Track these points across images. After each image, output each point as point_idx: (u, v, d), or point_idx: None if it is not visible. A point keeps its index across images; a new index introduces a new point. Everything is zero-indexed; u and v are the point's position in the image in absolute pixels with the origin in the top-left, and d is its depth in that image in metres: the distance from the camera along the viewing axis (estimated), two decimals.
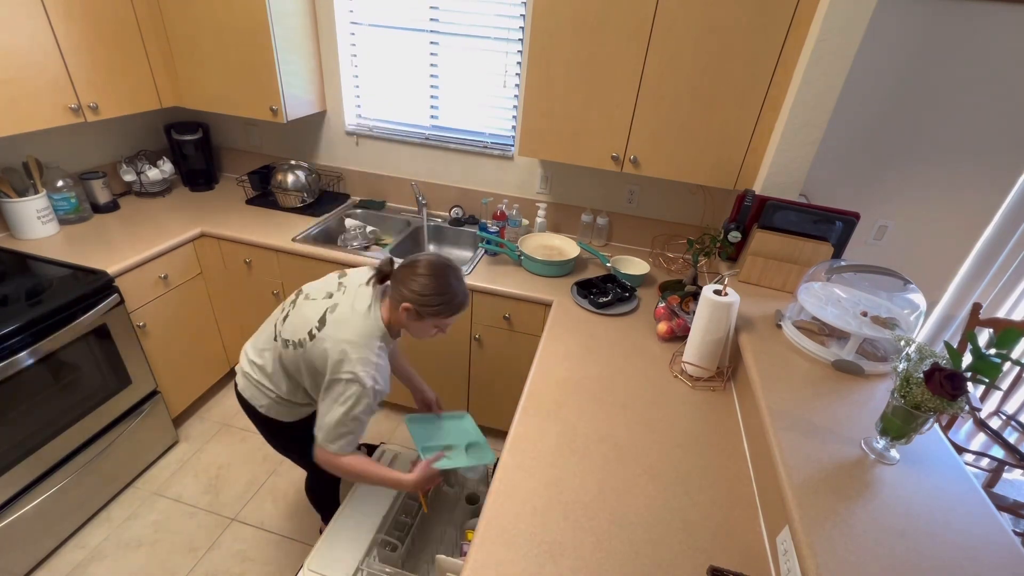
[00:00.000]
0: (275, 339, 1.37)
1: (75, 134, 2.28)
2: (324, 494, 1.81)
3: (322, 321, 1.27)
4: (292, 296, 1.41)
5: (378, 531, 1.46)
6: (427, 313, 1.27)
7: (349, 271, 1.41)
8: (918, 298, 1.40)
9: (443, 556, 1.30)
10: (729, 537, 1.09)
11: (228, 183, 2.74)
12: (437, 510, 1.62)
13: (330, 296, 1.32)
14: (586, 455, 1.26)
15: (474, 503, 1.57)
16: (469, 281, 2.01)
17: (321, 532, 1.80)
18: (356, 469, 1.32)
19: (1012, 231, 2.12)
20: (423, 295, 1.25)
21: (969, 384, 0.96)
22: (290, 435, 1.52)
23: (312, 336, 1.27)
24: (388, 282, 1.32)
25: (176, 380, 2.29)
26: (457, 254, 2.50)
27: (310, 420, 1.39)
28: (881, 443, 1.09)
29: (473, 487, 1.64)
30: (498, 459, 1.28)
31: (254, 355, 1.44)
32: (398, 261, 1.34)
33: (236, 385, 1.50)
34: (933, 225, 2.17)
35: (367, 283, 1.33)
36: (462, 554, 1.36)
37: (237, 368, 1.50)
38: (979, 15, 1.80)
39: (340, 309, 1.28)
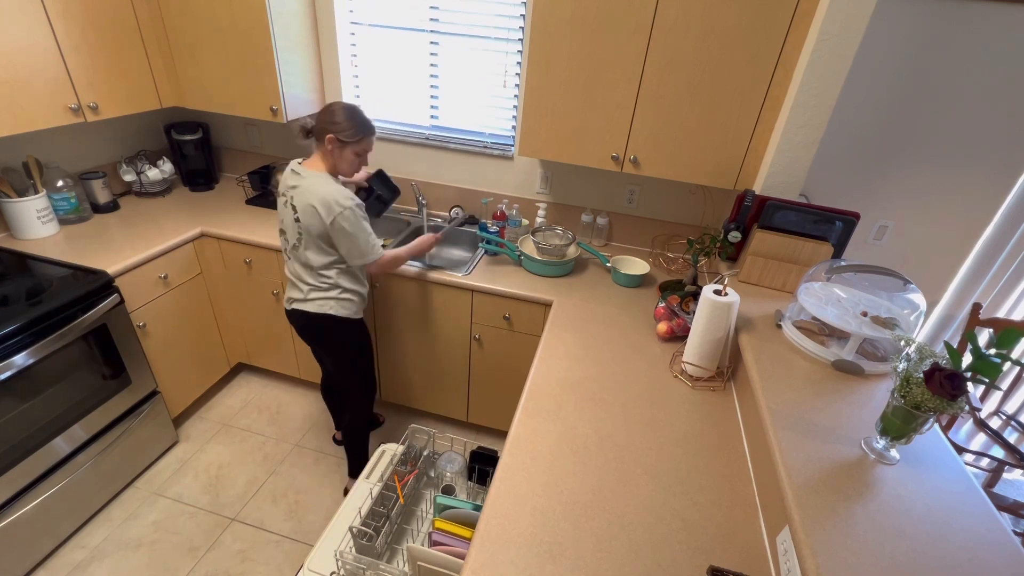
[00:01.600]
0: (295, 258, 1.70)
1: (75, 134, 2.28)
2: (364, 432, 2.07)
3: (293, 208, 1.61)
4: (280, 236, 1.74)
5: (353, 521, 1.47)
6: (346, 139, 1.59)
7: (280, 184, 1.68)
8: (918, 298, 1.40)
9: (414, 545, 1.31)
10: (729, 537, 1.09)
11: (228, 183, 2.74)
12: (415, 500, 1.63)
13: (285, 200, 1.65)
14: (586, 455, 1.26)
15: (450, 494, 1.57)
16: (469, 281, 2.01)
17: (347, 492, 2.13)
18: (390, 262, 1.78)
19: (1012, 231, 2.12)
20: (339, 123, 1.57)
21: (969, 384, 0.96)
22: (357, 334, 1.86)
23: (298, 221, 1.61)
24: (313, 138, 1.64)
25: (176, 380, 2.29)
26: (457, 254, 2.50)
27: (362, 324, 1.87)
28: (881, 443, 1.09)
29: (450, 479, 1.64)
30: (498, 458, 1.28)
31: (299, 282, 1.73)
32: (312, 121, 1.64)
33: (299, 315, 1.76)
34: (933, 225, 2.17)
35: (292, 169, 1.63)
36: (432, 543, 1.37)
37: (293, 305, 1.76)
38: (979, 15, 1.80)
39: (297, 193, 1.60)
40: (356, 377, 1.95)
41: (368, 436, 2.10)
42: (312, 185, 1.58)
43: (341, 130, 1.58)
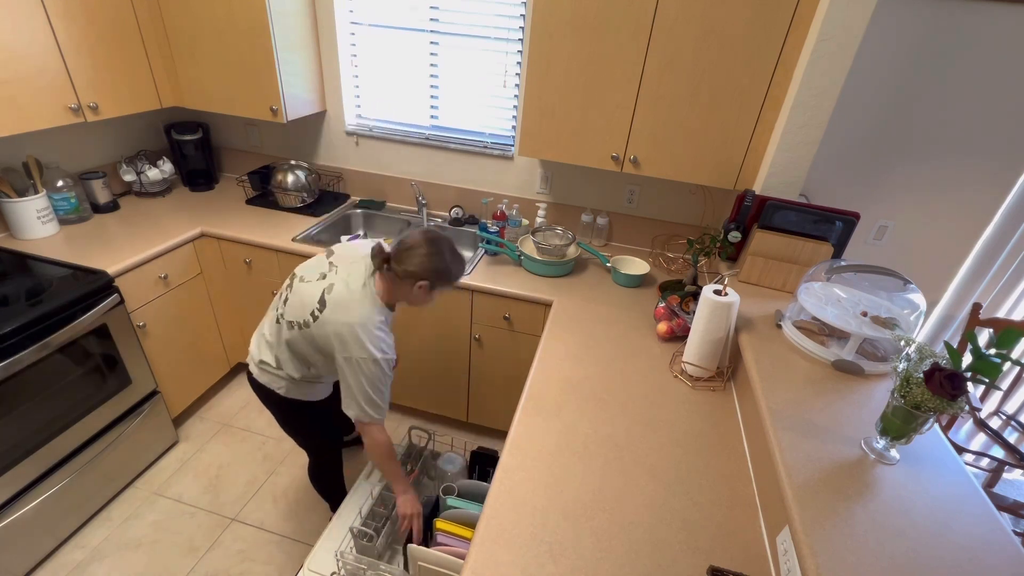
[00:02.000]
0: (278, 322, 1.44)
1: (75, 134, 2.28)
2: (329, 481, 1.88)
3: (322, 303, 1.33)
4: (287, 280, 1.47)
5: (354, 522, 1.47)
6: (439, 285, 1.37)
7: (335, 248, 1.47)
8: (918, 298, 1.40)
9: (414, 545, 1.31)
10: (729, 537, 1.09)
11: (228, 183, 2.74)
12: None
13: (324, 277, 1.38)
14: (586, 455, 1.26)
15: (449, 494, 1.57)
16: (469, 281, 2.02)
17: (331, 520, 1.81)
18: (385, 445, 1.45)
19: (1012, 231, 2.12)
20: (443, 273, 1.36)
21: (969, 384, 0.96)
22: (309, 415, 1.60)
23: (315, 317, 1.33)
24: (390, 264, 1.36)
25: (176, 380, 2.29)
26: None
27: (328, 400, 1.59)
28: (881, 443, 1.09)
29: (450, 479, 1.64)
30: (498, 458, 1.28)
31: (264, 344, 1.49)
32: (386, 245, 1.40)
33: (250, 376, 1.55)
34: (933, 225, 2.17)
35: (362, 260, 1.39)
36: (435, 543, 1.38)
37: (249, 360, 1.55)
38: (979, 15, 1.80)
39: (336, 289, 1.34)
40: (315, 447, 1.77)
41: (338, 472, 1.89)
42: (360, 307, 1.31)
43: (437, 277, 1.36)
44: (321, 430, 1.68)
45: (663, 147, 1.87)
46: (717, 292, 1.46)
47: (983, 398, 2.31)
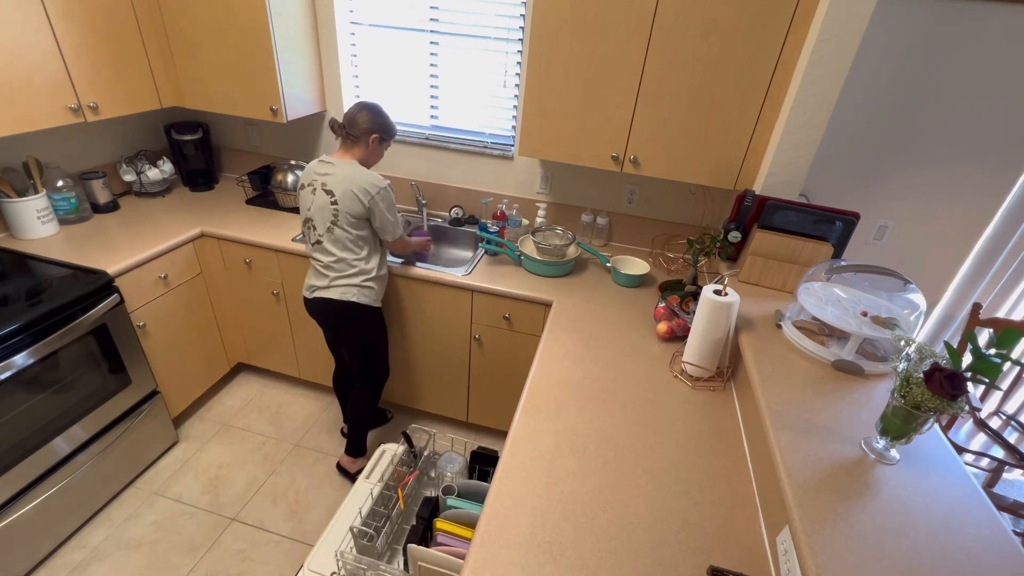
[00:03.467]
0: (321, 242, 1.80)
1: (75, 134, 2.28)
2: (377, 390, 2.16)
3: (329, 192, 1.74)
4: (304, 227, 1.84)
5: (354, 521, 1.47)
6: (386, 136, 1.82)
7: (306, 172, 1.81)
8: (918, 298, 1.40)
9: (415, 545, 1.31)
10: (729, 537, 1.09)
11: (228, 183, 2.74)
12: (415, 501, 1.63)
13: (313, 188, 1.77)
14: (586, 455, 1.26)
15: (449, 495, 1.57)
16: (469, 281, 2.02)
17: (339, 468, 2.24)
18: (407, 242, 1.95)
19: (1012, 231, 2.12)
20: (383, 124, 1.79)
21: (969, 384, 0.96)
22: (376, 319, 1.97)
23: (335, 203, 1.74)
24: (344, 136, 1.79)
25: (176, 380, 2.29)
26: (457, 254, 2.50)
27: (380, 313, 1.99)
28: (881, 443, 1.09)
29: (450, 479, 1.65)
30: (498, 458, 1.28)
31: (326, 268, 1.83)
32: (337, 119, 1.82)
33: (320, 303, 1.86)
34: (933, 225, 2.17)
35: (323, 160, 1.77)
36: (435, 543, 1.37)
37: (315, 293, 1.86)
38: (979, 15, 1.80)
39: (329, 178, 1.74)
40: (370, 362, 2.07)
41: (375, 415, 2.23)
42: (350, 172, 1.73)
43: (384, 129, 1.80)
44: (383, 335, 2.07)
45: (663, 147, 1.87)
46: (717, 292, 1.45)
47: (983, 398, 2.31)
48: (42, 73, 1.81)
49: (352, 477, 2.23)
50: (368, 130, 1.77)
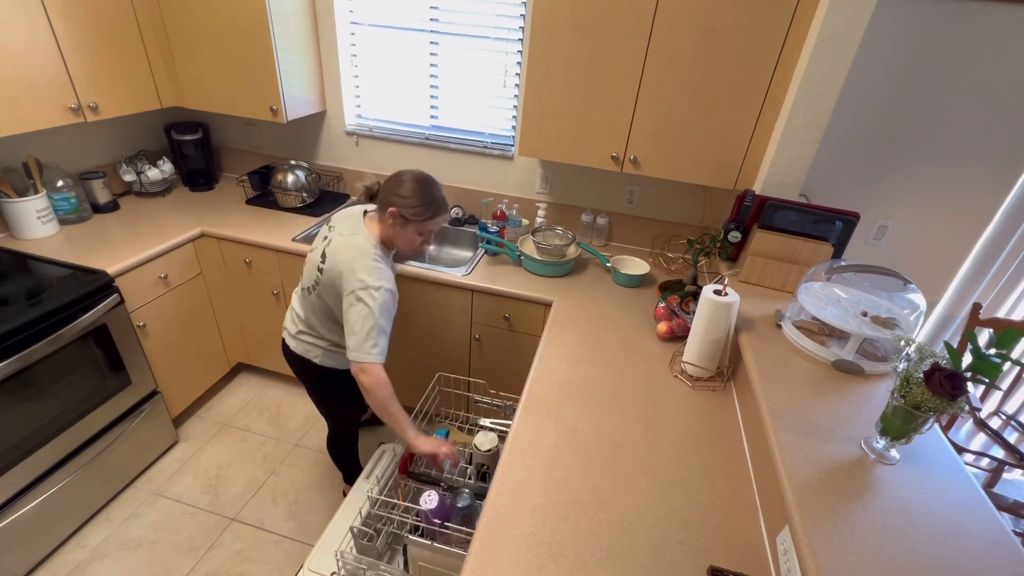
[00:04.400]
0: (301, 296, 1.61)
1: (75, 134, 2.28)
2: (348, 451, 2.01)
3: (323, 256, 1.47)
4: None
5: (354, 522, 1.47)
6: (411, 216, 1.42)
7: (333, 216, 1.57)
8: (918, 298, 1.40)
9: (414, 538, 1.31)
10: (729, 537, 1.09)
11: (228, 183, 2.74)
12: (415, 501, 1.63)
13: (325, 239, 1.52)
14: (586, 455, 1.26)
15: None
16: (469, 281, 2.01)
17: (345, 494, 2.11)
18: (383, 385, 1.43)
19: (1012, 231, 2.11)
20: (406, 198, 1.41)
21: (969, 384, 0.96)
22: (339, 383, 1.73)
23: (320, 271, 1.47)
24: (375, 203, 1.50)
25: (176, 380, 2.29)
26: (457, 254, 2.50)
27: (336, 373, 1.69)
28: (881, 443, 1.09)
29: (450, 480, 1.64)
30: (499, 452, 1.28)
31: (296, 317, 1.64)
32: (377, 185, 1.53)
33: (286, 348, 1.69)
34: (933, 225, 2.17)
35: (353, 214, 1.52)
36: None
37: (284, 335, 1.69)
38: (979, 15, 1.80)
39: (334, 242, 1.47)
40: (336, 421, 1.92)
41: (355, 444, 2.02)
42: (354, 244, 1.42)
43: (407, 206, 1.40)
44: (348, 399, 1.81)
45: (663, 147, 1.87)
46: (717, 292, 1.45)
47: (983, 398, 2.31)
48: (42, 73, 1.81)
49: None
50: (387, 200, 1.41)
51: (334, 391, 1.78)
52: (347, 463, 2.05)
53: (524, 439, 1.30)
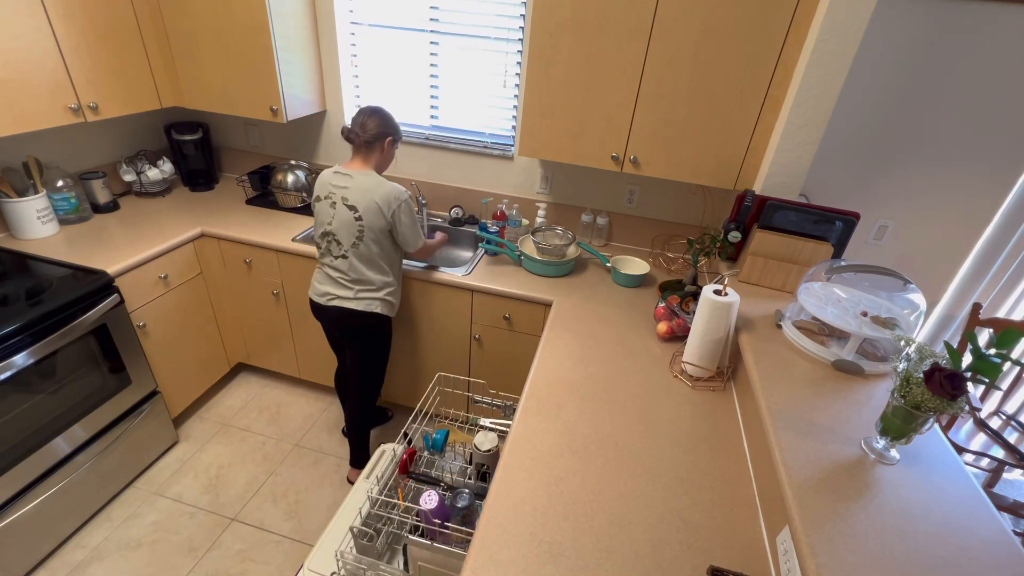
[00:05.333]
0: (347, 257, 1.78)
1: (75, 134, 2.28)
2: (372, 417, 2.18)
3: (352, 208, 1.72)
4: (322, 240, 1.80)
5: (354, 522, 1.47)
6: (397, 136, 1.80)
7: (317, 186, 1.79)
8: (918, 298, 1.40)
9: (414, 538, 1.31)
10: (729, 537, 1.09)
11: (228, 183, 2.74)
12: (415, 501, 1.63)
13: (332, 204, 1.74)
14: (586, 455, 1.26)
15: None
16: (469, 281, 2.02)
17: (351, 481, 2.23)
18: (432, 244, 1.95)
19: (1012, 231, 2.11)
20: (394, 126, 1.79)
21: (969, 384, 0.96)
22: (387, 332, 2.00)
23: (359, 219, 1.72)
24: (352, 142, 1.78)
25: (176, 380, 2.29)
26: (457, 254, 2.50)
27: (389, 320, 1.96)
28: (881, 443, 1.09)
29: (449, 480, 1.64)
30: (499, 452, 1.28)
31: (349, 282, 1.81)
32: (348, 126, 1.78)
33: (345, 312, 1.84)
34: (933, 225, 2.17)
35: (335, 173, 1.75)
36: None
37: (340, 303, 1.83)
38: (979, 15, 1.80)
39: (351, 192, 1.72)
40: (372, 370, 2.06)
41: (376, 417, 2.23)
42: (369, 184, 1.71)
43: (395, 131, 1.80)
44: (389, 344, 2.06)
45: (663, 147, 1.87)
46: (717, 292, 1.45)
47: (983, 398, 2.31)
48: (42, 73, 1.81)
49: None
50: (381, 134, 1.76)
51: (383, 340, 2.00)
52: (366, 432, 2.19)
53: (524, 439, 1.30)
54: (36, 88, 1.80)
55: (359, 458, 2.19)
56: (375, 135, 1.74)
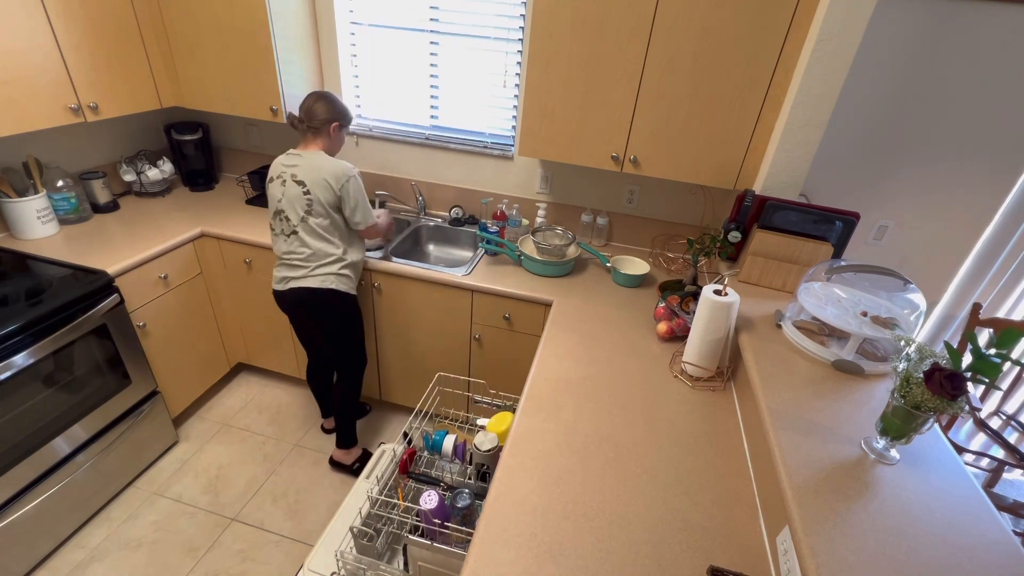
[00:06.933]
0: (297, 232, 1.80)
1: (75, 134, 2.28)
2: (358, 386, 2.17)
3: (300, 183, 1.76)
4: (275, 220, 1.84)
5: (354, 522, 1.47)
6: (345, 121, 1.85)
7: (273, 168, 1.83)
8: (918, 298, 1.40)
9: (414, 538, 1.31)
10: (729, 537, 1.09)
11: (228, 183, 2.74)
12: (415, 501, 1.63)
13: (283, 182, 1.78)
14: (586, 455, 1.26)
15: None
16: (469, 281, 2.02)
17: (331, 461, 2.28)
18: (380, 224, 1.96)
19: (1012, 231, 2.12)
20: (341, 111, 1.83)
21: (969, 384, 0.96)
22: (356, 311, 2.02)
23: (307, 192, 1.76)
24: (297, 128, 1.82)
25: (176, 380, 2.29)
26: (457, 254, 2.50)
27: (356, 301, 2.01)
28: (881, 443, 1.09)
29: (449, 480, 1.64)
30: (500, 449, 1.28)
31: (302, 260, 1.83)
32: (294, 113, 1.83)
33: (301, 292, 1.85)
34: (933, 225, 2.17)
35: (288, 155, 1.81)
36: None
37: (295, 284, 1.85)
38: (979, 15, 1.80)
39: (300, 169, 1.76)
40: (349, 351, 2.07)
41: (358, 406, 2.24)
42: (318, 162, 1.76)
43: (343, 115, 1.83)
44: (359, 322, 2.07)
45: (663, 147, 1.87)
46: (717, 292, 1.45)
47: (983, 398, 2.31)
48: (42, 73, 1.81)
49: (347, 469, 2.24)
50: (328, 119, 1.79)
51: (350, 319, 1.99)
52: (353, 414, 2.20)
53: (524, 439, 1.30)
54: (36, 88, 1.80)
55: (345, 440, 2.22)
56: (322, 120, 1.78)
